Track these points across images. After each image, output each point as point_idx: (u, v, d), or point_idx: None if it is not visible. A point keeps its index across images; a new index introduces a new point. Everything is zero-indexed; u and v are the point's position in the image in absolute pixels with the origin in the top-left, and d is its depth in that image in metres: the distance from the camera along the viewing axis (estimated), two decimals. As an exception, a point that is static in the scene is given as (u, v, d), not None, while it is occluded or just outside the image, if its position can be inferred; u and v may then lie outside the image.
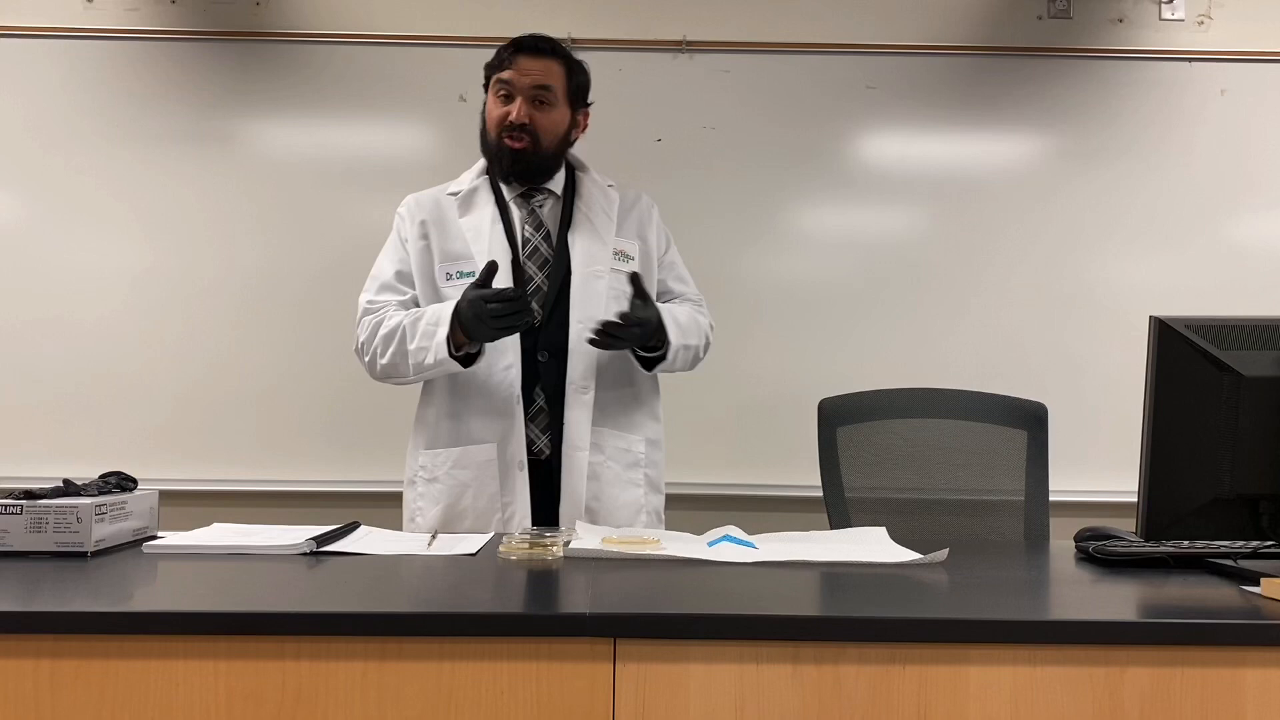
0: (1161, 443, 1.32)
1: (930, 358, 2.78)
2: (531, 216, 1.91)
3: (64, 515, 1.35)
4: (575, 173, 1.98)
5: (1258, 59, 2.84)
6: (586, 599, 1.11)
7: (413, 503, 1.92)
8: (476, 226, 1.89)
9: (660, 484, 1.97)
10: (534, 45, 1.88)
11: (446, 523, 1.83)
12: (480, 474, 1.83)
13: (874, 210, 2.86)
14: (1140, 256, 2.83)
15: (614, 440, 1.88)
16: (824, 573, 1.32)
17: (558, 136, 1.90)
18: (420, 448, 1.92)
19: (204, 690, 1.01)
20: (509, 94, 1.86)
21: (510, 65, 1.86)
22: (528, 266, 1.88)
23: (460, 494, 1.84)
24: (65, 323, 2.75)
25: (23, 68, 2.78)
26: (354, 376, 2.77)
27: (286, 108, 2.81)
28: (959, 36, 2.85)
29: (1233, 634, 1.04)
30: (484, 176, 1.95)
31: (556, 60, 1.89)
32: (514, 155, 1.86)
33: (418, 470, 1.91)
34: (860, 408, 2.04)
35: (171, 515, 1.65)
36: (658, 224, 2.02)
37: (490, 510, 1.82)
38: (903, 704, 1.02)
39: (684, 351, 1.89)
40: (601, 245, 1.90)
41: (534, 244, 1.89)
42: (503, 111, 1.87)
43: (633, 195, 2.02)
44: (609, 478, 1.87)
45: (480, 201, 1.92)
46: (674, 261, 2.05)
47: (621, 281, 1.87)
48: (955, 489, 1.99)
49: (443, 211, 1.93)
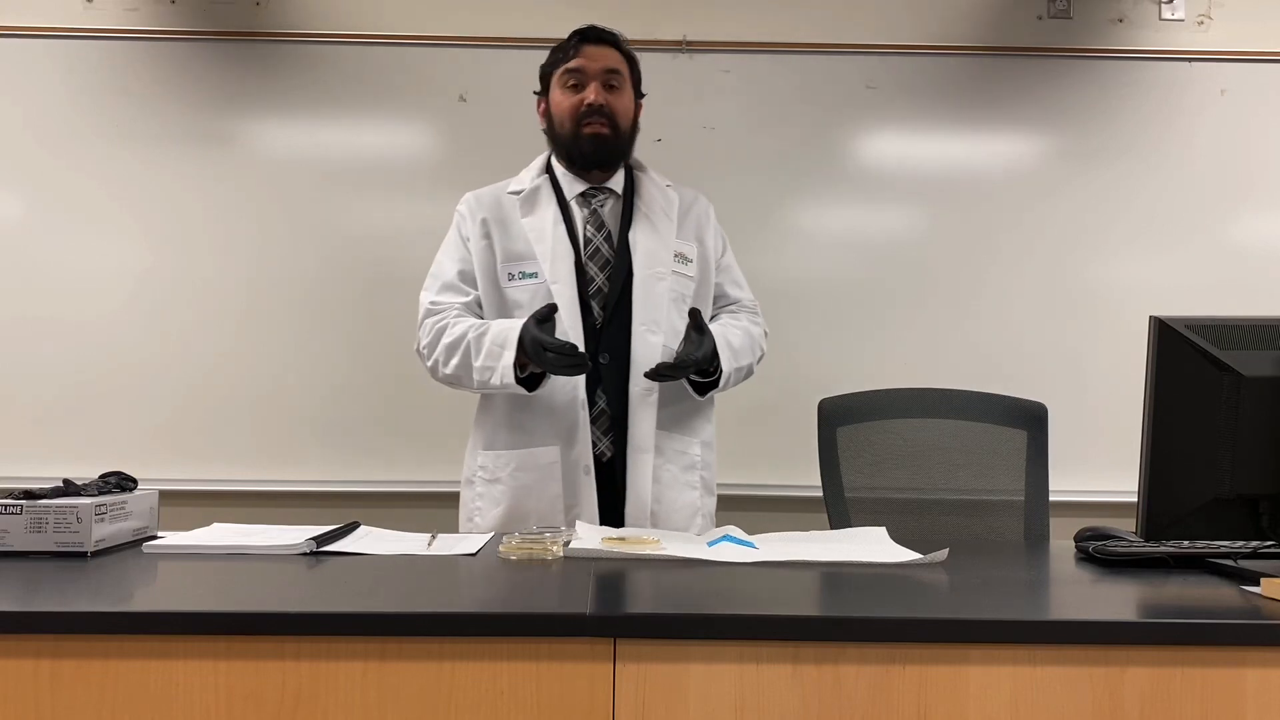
0: (1161, 443, 1.32)
1: (930, 358, 2.78)
2: (593, 216, 1.91)
3: (64, 515, 1.35)
4: (634, 172, 1.98)
5: (1258, 59, 2.84)
6: (586, 599, 1.11)
7: (471, 502, 1.91)
8: (539, 227, 1.88)
9: (713, 486, 1.97)
10: (598, 35, 1.90)
11: (507, 524, 1.82)
12: (543, 476, 1.82)
13: (874, 210, 2.86)
14: (1140, 256, 2.83)
15: (673, 443, 1.88)
16: (824, 573, 1.32)
17: (630, 121, 1.92)
18: (480, 448, 1.91)
19: (204, 690, 1.01)
20: (579, 83, 1.87)
21: (578, 54, 1.87)
22: (589, 267, 1.87)
23: (523, 497, 1.83)
24: (65, 323, 2.75)
25: (23, 68, 2.78)
26: (354, 376, 2.79)
27: (286, 108, 2.81)
28: (959, 36, 2.85)
29: (1233, 634, 1.04)
30: (544, 175, 1.95)
31: (618, 49, 1.91)
32: (597, 141, 1.86)
33: (477, 470, 1.90)
34: (860, 408, 2.04)
35: (171, 515, 1.65)
36: (715, 226, 2.01)
37: (553, 513, 1.81)
38: (903, 704, 1.02)
39: (737, 374, 1.90)
40: (663, 246, 1.90)
41: (596, 244, 1.89)
42: (577, 99, 1.87)
43: (690, 195, 2.01)
44: (668, 480, 1.87)
45: (542, 201, 1.91)
46: (730, 265, 2.03)
47: (681, 283, 1.89)
48: (955, 489, 1.99)
49: (504, 211, 1.92)
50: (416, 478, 2.71)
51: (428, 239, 2.78)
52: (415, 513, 2.38)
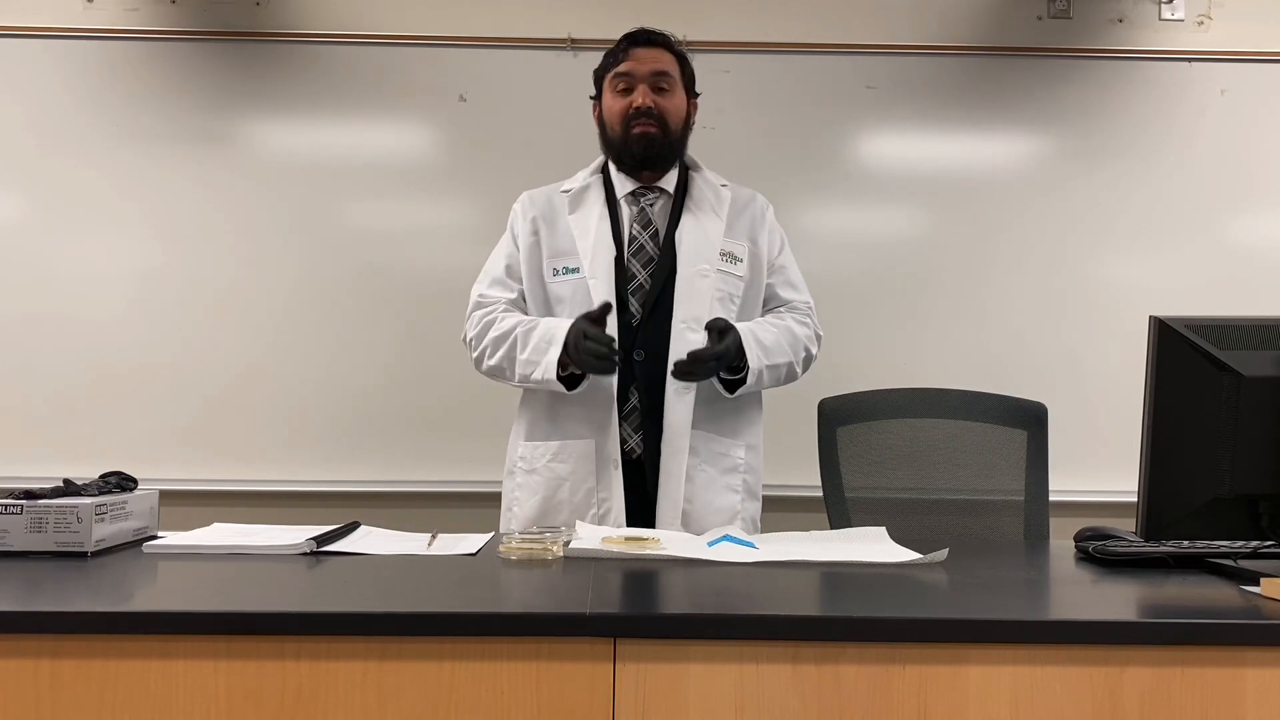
0: (1161, 443, 1.32)
1: (930, 358, 2.78)
2: (641, 215, 1.92)
3: (64, 515, 1.35)
4: (689, 172, 1.99)
5: (1258, 59, 2.84)
6: (586, 599, 1.11)
7: (511, 493, 1.94)
8: (584, 223, 1.90)
9: (758, 491, 1.96)
10: (647, 38, 1.91)
11: (543, 515, 1.85)
12: (578, 468, 1.84)
13: (873, 210, 2.86)
14: (1140, 256, 2.82)
15: (711, 444, 1.88)
16: (824, 573, 1.32)
17: (681, 121, 1.93)
18: (520, 439, 1.94)
19: (204, 690, 1.01)
20: (628, 86, 1.89)
21: (627, 57, 1.89)
22: (631, 265, 1.88)
23: (557, 487, 1.86)
24: (65, 323, 2.75)
25: (23, 68, 2.78)
26: (354, 376, 2.79)
27: (286, 108, 2.81)
28: (959, 36, 2.85)
29: (1233, 634, 1.04)
30: (598, 175, 1.96)
31: (668, 51, 1.92)
32: (645, 141, 1.87)
33: (517, 461, 1.93)
34: (860, 408, 2.04)
35: (171, 515, 1.65)
36: (770, 225, 2.00)
37: (586, 505, 1.84)
38: (903, 704, 1.02)
39: (769, 372, 1.87)
40: (709, 244, 1.90)
41: (640, 242, 1.89)
42: (626, 102, 1.88)
43: (747, 195, 2.01)
44: (703, 481, 1.86)
45: (590, 199, 1.93)
46: (785, 265, 2.02)
47: (729, 283, 1.89)
48: (955, 489, 1.99)
49: (554, 209, 1.94)
50: (416, 478, 2.71)
51: (428, 239, 2.81)
52: (415, 513, 2.39)
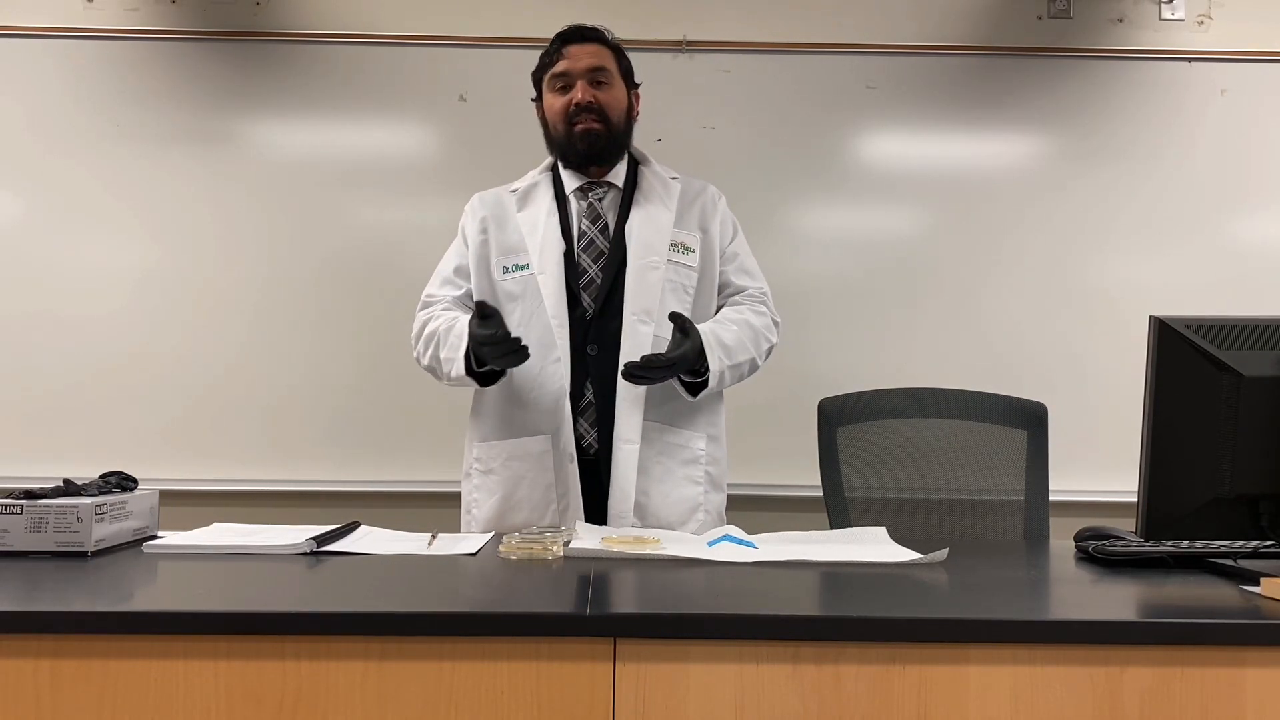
0: (1161, 443, 1.32)
1: (930, 358, 2.78)
2: (590, 210, 1.92)
3: (64, 515, 1.35)
4: (638, 165, 1.99)
5: (1258, 59, 2.84)
6: (586, 599, 1.11)
7: (469, 495, 1.93)
8: (532, 220, 1.91)
9: (723, 482, 1.95)
10: (579, 34, 1.91)
11: (502, 515, 1.84)
12: (535, 465, 1.84)
13: (874, 210, 2.86)
14: (1140, 256, 2.82)
15: (667, 436, 1.87)
16: (824, 573, 1.32)
17: (623, 113, 1.93)
18: (475, 440, 1.93)
19: (204, 690, 1.01)
20: (566, 84, 1.89)
21: (562, 56, 1.89)
22: (582, 259, 1.88)
23: (515, 485, 1.85)
24: (65, 322, 2.75)
25: (23, 68, 2.78)
26: (354, 376, 2.78)
27: (287, 108, 2.81)
28: (959, 36, 2.85)
29: (1233, 634, 1.04)
30: (547, 173, 1.97)
31: (603, 45, 1.92)
32: (589, 137, 1.87)
33: (473, 463, 1.92)
34: (860, 408, 2.04)
35: (171, 515, 1.65)
36: (723, 214, 2.00)
37: (545, 502, 1.83)
38: (903, 704, 1.02)
39: (731, 372, 1.86)
40: (659, 236, 1.89)
41: (590, 236, 1.90)
42: (566, 99, 1.89)
43: (698, 186, 2.01)
44: (659, 473, 1.85)
45: (539, 196, 1.94)
46: (738, 253, 2.01)
47: (680, 273, 1.88)
48: (955, 489, 1.99)
49: (503, 208, 1.95)
50: (416, 478, 2.72)
51: (428, 239, 2.80)
52: (415, 513, 2.38)
